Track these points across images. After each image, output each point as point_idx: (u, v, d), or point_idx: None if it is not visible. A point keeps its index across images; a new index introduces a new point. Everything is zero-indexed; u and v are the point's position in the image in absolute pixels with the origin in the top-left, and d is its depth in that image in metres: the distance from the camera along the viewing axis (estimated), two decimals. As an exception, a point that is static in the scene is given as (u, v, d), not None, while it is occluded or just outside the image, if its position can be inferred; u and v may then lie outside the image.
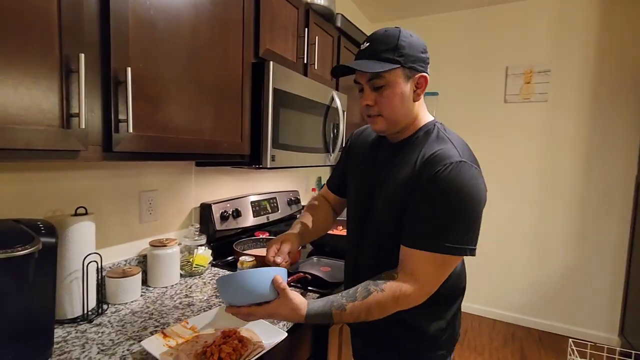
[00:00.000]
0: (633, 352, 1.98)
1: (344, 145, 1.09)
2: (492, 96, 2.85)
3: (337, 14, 1.82)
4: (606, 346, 2.00)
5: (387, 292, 0.73)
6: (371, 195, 0.87)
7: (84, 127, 0.70)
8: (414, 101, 0.82)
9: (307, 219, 1.07)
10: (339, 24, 1.82)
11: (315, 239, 1.10)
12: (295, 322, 0.75)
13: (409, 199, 0.77)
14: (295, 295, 0.74)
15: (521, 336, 2.67)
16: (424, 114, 0.87)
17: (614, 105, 2.49)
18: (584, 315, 2.64)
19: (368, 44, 0.80)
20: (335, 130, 1.73)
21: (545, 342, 2.59)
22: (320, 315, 0.74)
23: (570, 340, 1.94)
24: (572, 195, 2.65)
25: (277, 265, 0.89)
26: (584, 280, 2.63)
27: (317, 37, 1.60)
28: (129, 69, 0.78)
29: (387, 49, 0.77)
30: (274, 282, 0.73)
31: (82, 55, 0.68)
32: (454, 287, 0.89)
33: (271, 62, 1.21)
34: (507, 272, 2.86)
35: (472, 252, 0.74)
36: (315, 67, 1.60)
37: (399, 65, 0.77)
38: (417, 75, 0.80)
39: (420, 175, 0.76)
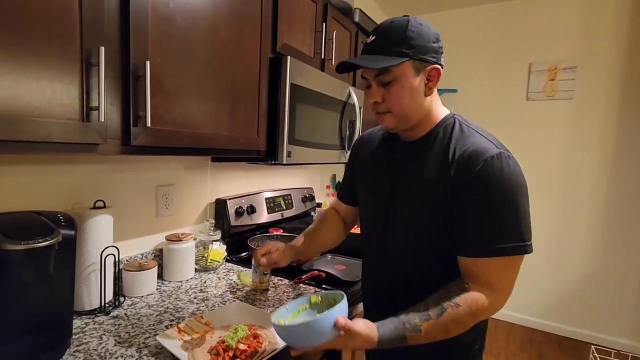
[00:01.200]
0: (660, 362, 1.89)
1: (349, 154, 1.03)
2: (514, 94, 2.76)
3: (355, 8, 1.79)
4: (630, 354, 1.92)
5: (463, 307, 0.67)
6: (391, 200, 0.81)
7: (103, 120, 0.70)
8: (426, 95, 0.75)
9: (314, 234, 1.03)
10: (356, 18, 1.79)
11: (323, 252, 1.07)
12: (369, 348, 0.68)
13: (446, 203, 0.71)
14: (362, 327, 0.65)
15: (539, 341, 2.60)
16: (439, 108, 0.79)
17: (644, 103, 2.38)
18: (606, 321, 2.54)
19: (374, 37, 0.74)
20: (351, 127, 1.70)
21: (564, 348, 2.51)
22: (395, 339, 0.66)
23: (592, 347, 1.87)
24: (597, 197, 2.54)
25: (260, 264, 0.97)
26: (608, 284, 2.53)
27: (334, 32, 1.58)
28: (148, 63, 0.78)
29: (394, 41, 0.71)
30: (337, 325, 0.63)
31: (102, 49, 0.68)
32: None
33: (288, 57, 1.20)
34: (525, 274, 2.77)
35: (532, 248, 0.70)
36: (333, 63, 1.58)
37: (408, 58, 0.70)
38: (428, 68, 0.73)
39: (459, 176, 0.70)
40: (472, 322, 0.69)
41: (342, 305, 0.66)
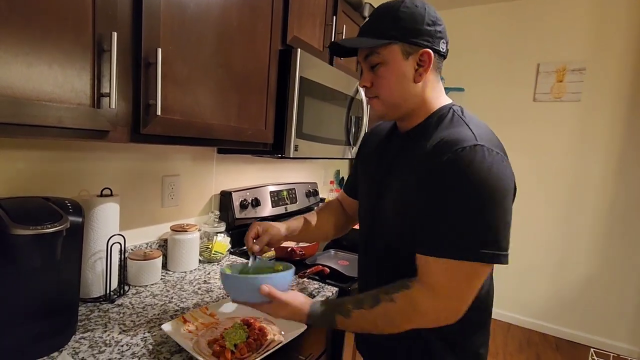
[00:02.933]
0: (658, 366, 1.89)
1: (358, 147, 1.01)
2: (521, 94, 2.74)
3: (365, 3, 1.78)
4: (629, 358, 1.92)
5: (397, 304, 0.63)
6: (380, 194, 0.76)
7: (114, 107, 0.69)
8: (416, 82, 0.69)
9: (311, 218, 0.98)
10: (366, 13, 1.78)
11: (320, 241, 1.03)
12: (299, 322, 0.71)
13: (417, 196, 0.66)
14: (291, 299, 0.69)
15: (537, 342, 2.61)
16: (437, 97, 0.73)
17: (653, 107, 2.36)
18: (605, 324, 2.55)
19: (368, 18, 0.72)
20: (357, 123, 1.69)
21: (562, 350, 2.52)
22: (323, 318, 0.68)
23: (592, 349, 1.87)
24: (601, 201, 2.53)
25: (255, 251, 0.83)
26: (608, 288, 2.53)
27: (344, 26, 1.56)
28: (160, 50, 0.77)
29: (384, 22, 0.68)
30: (260, 292, 0.67)
31: (115, 34, 0.67)
32: (480, 310, 0.75)
33: (299, 50, 1.19)
34: (525, 275, 2.78)
35: (501, 259, 0.59)
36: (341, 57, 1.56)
37: (395, 40, 0.67)
38: (419, 52, 0.68)
39: (427, 166, 0.64)
40: (404, 324, 0.65)
41: (281, 275, 0.71)
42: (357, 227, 0.94)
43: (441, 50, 0.70)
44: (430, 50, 0.68)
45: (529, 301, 2.78)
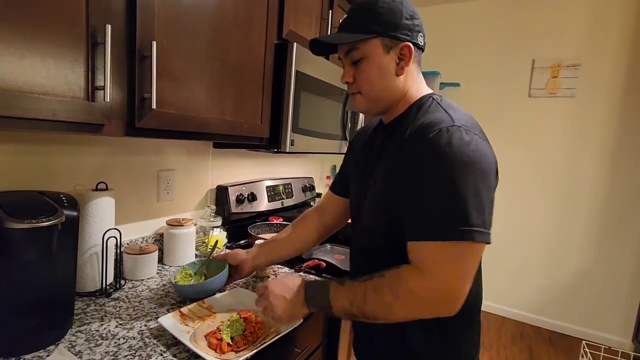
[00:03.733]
0: (648, 357, 1.93)
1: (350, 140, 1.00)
2: (516, 90, 2.75)
3: (362, -3, 1.77)
4: (620, 350, 1.96)
5: (386, 278, 0.63)
6: (366, 187, 0.77)
7: (108, 100, 0.69)
8: (397, 75, 0.70)
9: (274, 246, 1.00)
10: (363, 7, 1.77)
11: (293, 257, 1.02)
12: (297, 305, 0.72)
13: (399, 183, 0.65)
14: (285, 276, 0.75)
15: (530, 335, 2.64)
16: (418, 89, 0.74)
17: (646, 103, 2.38)
18: (596, 318, 2.59)
19: (347, 14, 0.73)
20: (353, 119, 1.69)
21: (554, 343, 2.56)
22: (318, 285, 0.71)
23: (583, 342, 1.91)
24: (595, 196, 2.56)
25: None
26: (601, 282, 2.57)
27: (340, 21, 1.55)
28: (155, 43, 0.76)
29: (363, 17, 0.69)
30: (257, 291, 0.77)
31: (109, 27, 0.66)
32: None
33: (294, 44, 1.18)
34: (519, 269, 2.81)
35: (483, 237, 0.58)
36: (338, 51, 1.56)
37: (375, 35, 0.68)
38: (399, 45, 0.69)
39: (404, 153, 0.65)
40: (393, 301, 0.62)
41: (216, 278, 0.91)
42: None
43: (420, 43, 0.71)
44: (410, 44, 0.69)
45: (522, 295, 2.82)
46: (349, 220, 0.93)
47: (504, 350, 2.42)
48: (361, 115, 1.68)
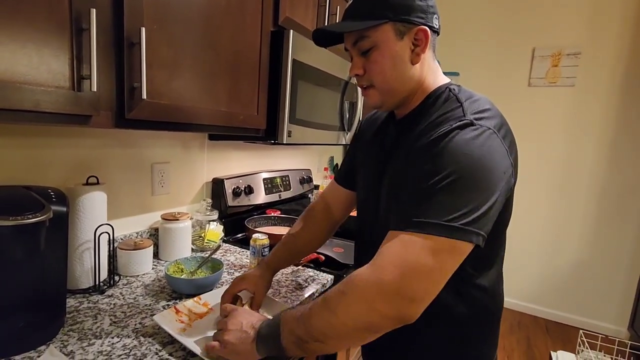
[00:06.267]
0: (645, 346, 1.95)
1: (354, 134, 0.94)
2: (516, 79, 2.71)
3: (360, -17, 1.71)
4: (617, 339, 1.97)
5: (340, 282, 0.58)
6: (379, 185, 0.72)
7: (95, 90, 0.65)
8: (413, 63, 0.64)
9: (293, 243, 0.91)
10: (361, -6, 1.72)
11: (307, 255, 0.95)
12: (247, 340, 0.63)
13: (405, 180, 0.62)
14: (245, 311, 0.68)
15: (527, 324, 2.66)
16: (435, 78, 0.68)
17: (646, 92, 2.36)
18: (593, 307, 2.61)
19: (352, 0, 0.66)
20: (352, 109, 1.66)
21: (552, 332, 2.58)
22: (273, 318, 0.63)
23: (581, 331, 1.92)
24: (593, 185, 2.56)
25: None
26: (598, 272, 2.58)
27: (337, 7, 1.51)
28: (144, 30, 0.72)
29: (370, 1, 0.62)
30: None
31: (94, 11, 0.62)
32: (485, 306, 0.70)
33: (291, 31, 1.14)
34: (517, 260, 2.81)
35: (470, 236, 0.52)
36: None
37: (386, 20, 0.61)
38: (414, 30, 0.62)
39: (414, 150, 0.61)
40: (337, 303, 0.55)
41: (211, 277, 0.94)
42: (353, 214, 0.91)
43: (435, 26, 0.65)
44: (426, 27, 0.62)
45: (520, 285, 2.83)
46: (353, 213, 0.89)
47: (502, 340, 2.43)
48: (359, 106, 1.64)
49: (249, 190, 1.50)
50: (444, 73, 0.71)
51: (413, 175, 0.58)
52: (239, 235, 1.46)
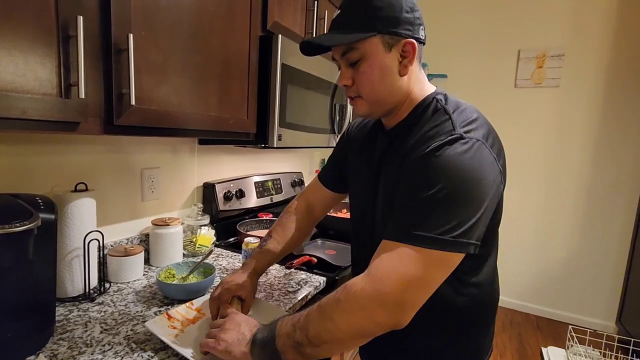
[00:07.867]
0: (632, 339, 1.99)
1: (342, 135, 0.94)
2: (503, 81, 2.76)
3: (348, -13, 1.73)
4: (605, 333, 2.01)
5: (335, 290, 0.60)
6: (375, 195, 0.74)
7: (83, 97, 0.65)
8: (401, 75, 0.65)
9: (278, 243, 0.91)
10: (349, -2, 1.74)
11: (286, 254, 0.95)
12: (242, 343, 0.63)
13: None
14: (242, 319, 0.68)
15: (519, 322, 2.70)
16: (422, 88, 0.69)
17: (628, 94, 2.42)
18: (582, 302, 2.66)
19: (340, 10, 0.66)
20: (341, 112, 1.67)
21: (542, 328, 2.62)
22: (269, 324, 0.64)
23: (570, 326, 1.95)
24: (579, 184, 2.61)
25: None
26: (585, 268, 2.63)
27: (326, 12, 1.52)
28: (132, 36, 0.72)
29: (359, 13, 0.63)
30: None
31: (81, 18, 0.63)
32: (480, 303, 0.72)
33: (280, 36, 1.15)
34: (507, 258, 2.85)
35: (461, 248, 0.55)
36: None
37: (375, 33, 0.62)
38: (401, 42, 0.63)
39: (404, 164, 0.63)
40: (334, 309, 0.57)
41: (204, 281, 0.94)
42: (343, 215, 0.93)
43: (421, 37, 0.66)
44: (413, 40, 0.64)
45: (511, 283, 2.87)
46: (348, 215, 0.91)
47: (495, 338, 2.44)
48: (349, 108, 1.66)
49: (241, 194, 1.50)
50: (433, 75, 0.73)
51: (406, 188, 0.60)
52: (231, 239, 1.46)
